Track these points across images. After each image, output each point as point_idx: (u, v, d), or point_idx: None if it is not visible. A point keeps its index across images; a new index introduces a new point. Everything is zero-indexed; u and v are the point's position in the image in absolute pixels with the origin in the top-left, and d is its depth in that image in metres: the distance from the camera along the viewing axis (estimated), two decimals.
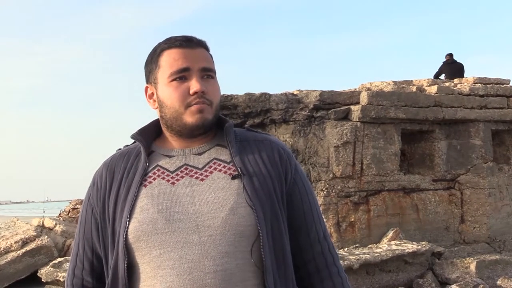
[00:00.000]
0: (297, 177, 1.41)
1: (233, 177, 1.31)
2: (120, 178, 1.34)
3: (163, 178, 1.32)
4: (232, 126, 1.39)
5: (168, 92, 1.33)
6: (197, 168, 1.34)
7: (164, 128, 1.40)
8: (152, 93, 1.39)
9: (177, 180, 1.32)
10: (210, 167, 1.34)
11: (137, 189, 1.30)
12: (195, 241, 1.24)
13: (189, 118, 1.32)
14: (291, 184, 1.38)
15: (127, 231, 1.27)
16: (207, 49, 1.39)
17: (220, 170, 1.33)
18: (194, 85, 1.31)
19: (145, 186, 1.31)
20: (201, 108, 1.32)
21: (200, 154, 1.36)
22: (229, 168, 1.33)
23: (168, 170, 1.34)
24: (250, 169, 1.32)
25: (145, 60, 1.41)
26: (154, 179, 1.32)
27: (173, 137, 1.39)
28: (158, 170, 1.34)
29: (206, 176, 1.32)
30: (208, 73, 1.35)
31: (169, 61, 1.33)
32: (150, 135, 1.41)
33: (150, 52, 1.40)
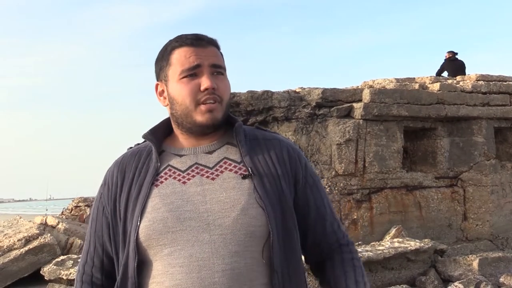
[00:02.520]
0: (308, 175, 1.42)
1: (244, 177, 1.31)
2: (132, 178, 1.35)
3: (174, 178, 1.33)
4: (242, 125, 1.40)
5: (178, 89, 1.34)
6: (208, 167, 1.34)
7: (174, 126, 1.41)
8: (163, 90, 1.40)
9: (188, 179, 1.33)
10: (221, 166, 1.34)
11: (148, 189, 1.31)
12: (206, 240, 1.25)
13: (199, 117, 1.33)
14: (302, 182, 1.40)
15: (138, 230, 1.27)
16: (217, 47, 1.40)
17: (230, 170, 1.33)
18: (204, 81, 1.32)
19: (156, 186, 1.32)
20: (211, 107, 1.32)
21: (210, 152, 1.37)
22: (239, 168, 1.33)
23: (179, 170, 1.34)
24: (260, 169, 1.33)
25: (156, 58, 1.42)
26: (166, 179, 1.33)
27: (184, 134, 1.39)
28: (170, 170, 1.35)
29: (217, 175, 1.32)
30: (218, 70, 1.36)
31: (180, 59, 1.34)
32: (160, 134, 1.42)
33: (161, 50, 1.41)
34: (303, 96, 7.33)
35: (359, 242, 6.83)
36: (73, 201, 16.95)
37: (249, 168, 1.32)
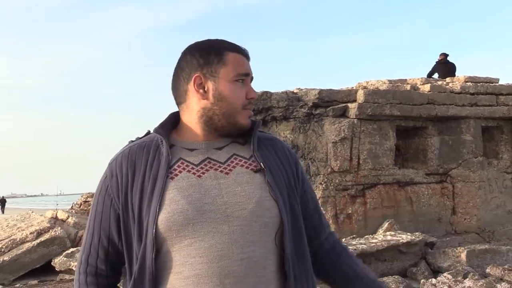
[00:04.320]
0: (303, 172, 1.48)
1: (256, 171, 1.33)
2: (144, 171, 1.32)
3: (189, 171, 1.32)
4: (260, 124, 1.43)
5: (233, 89, 1.35)
6: (220, 162, 1.34)
7: (197, 120, 1.37)
8: (201, 83, 1.36)
9: (203, 173, 1.32)
10: (232, 162, 1.35)
11: (163, 182, 1.29)
12: (225, 231, 1.25)
13: (242, 119, 1.36)
14: (301, 179, 1.44)
15: (157, 222, 1.25)
16: None
17: (242, 166, 1.34)
18: (252, 92, 1.38)
19: (171, 178, 1.30)
20: (251, 114, 1.39)
21: (219, 148, 1.37)
22: (250, 164, 1.35)
23: (193, 164, 1.33)
24: (269, 164, 1.36)
25: (199, 50, 1.38)
26: (180, 171, 1.31)
27: (205, 130, 1.37)
28: (182, 163, 1.33)
29: (230, 170, 1.33)
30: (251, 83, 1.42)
31: (236, 62, 1.36)
32: (168, 129, 1.40)
33: (207, 46, 1.38)
34: (301, 97, 7.32)
35: (354, 235, 6.83)
36: (82, 196, 16.95)
37: (261, 163, 1.33)
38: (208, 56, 1.36)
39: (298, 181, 1.42)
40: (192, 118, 1.38)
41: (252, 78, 1.40)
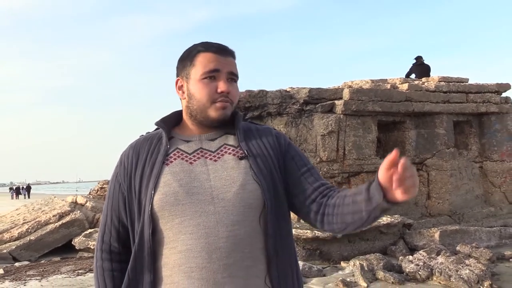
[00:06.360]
0: (291, 146, 1.42)
1: (241, 158, 1.32)
2: (145, 158, 1.35)
3: (182, 159, 1.33)
4: (242, 116, 1.42)
5: (199, 88, 1.34)
6: (211, 151, 1.35)
7: (187, 117, 1.40)
8: (182, 85, 1.39)
9: (194, 160, 1.33)
10: (222, 150, 1.35)
11: (160, 167, 1.31)
12: (211, 211, 1.25)
13: (213, 112, 1.34)
14: (286, 151, 1.38)
15: (152, 202, 1.27)
16: (235, 58, 1.41)
17: (229, 153, 1.34)
18: (221, 85, 1.34)
19: (167, 164, 1.32)
20: (224, 106, 1.34)
21: (212, 140, 1.38)
22: (237, 152, 1.34)
23: (186, 152, 1.35)
24: (254, 151, 1.34)
25: (180, 57, 1.41)
26: (175, 159, 1.33)
27: (194, 125, 1.39)
28: (178, 152, 1.34)
29: (219, 157, 1.33)
30: (232, 77, 1.37)
31: (204, 62, 1.34)
32: (170, 123, 1.42)
33: (186, 51, 1.40)
34: (293, 95, 7.31)
35: None
36: (98, 183, 16.94)
37: (245, 151, 1.33)
38: (185, 61, 1.38)
39: (287, 155, 1.37)
40: (185, 115, 1.41)
41: (230, 72, 1.35)
